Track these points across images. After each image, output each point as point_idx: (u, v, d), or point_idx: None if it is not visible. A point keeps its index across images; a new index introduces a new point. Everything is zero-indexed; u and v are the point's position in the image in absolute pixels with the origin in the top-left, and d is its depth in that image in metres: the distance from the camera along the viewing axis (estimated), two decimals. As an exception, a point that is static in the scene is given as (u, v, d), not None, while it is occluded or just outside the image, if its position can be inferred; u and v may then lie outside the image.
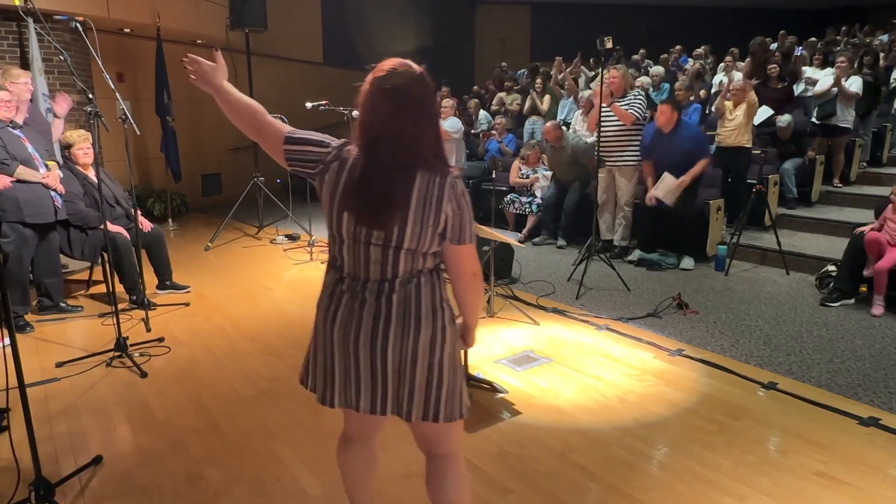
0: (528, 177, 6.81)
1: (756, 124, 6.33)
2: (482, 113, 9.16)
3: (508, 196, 6.89)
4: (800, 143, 6.65)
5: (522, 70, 10.94)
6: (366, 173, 1.46)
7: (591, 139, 6.48)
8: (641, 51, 10.91)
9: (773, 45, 9.62)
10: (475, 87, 11.19)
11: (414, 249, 1.49)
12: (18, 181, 3.76)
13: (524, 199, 6.73)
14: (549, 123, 6.54)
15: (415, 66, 1.51)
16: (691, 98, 7.86)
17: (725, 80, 7.56)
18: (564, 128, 6.69)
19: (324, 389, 1.64)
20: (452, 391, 1.60)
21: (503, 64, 11.06)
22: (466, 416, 1.66)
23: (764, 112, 6.55)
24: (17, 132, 3.90)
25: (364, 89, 1.49)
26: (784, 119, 6.57)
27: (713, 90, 8.17)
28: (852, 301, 4.38)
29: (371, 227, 1.47)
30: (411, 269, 1.53)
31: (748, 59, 7.16)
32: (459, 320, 1.69)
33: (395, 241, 1.48)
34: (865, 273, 4.31)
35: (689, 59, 10.08)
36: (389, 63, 1.49)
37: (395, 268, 1.51)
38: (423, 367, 1.55)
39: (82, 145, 4.35)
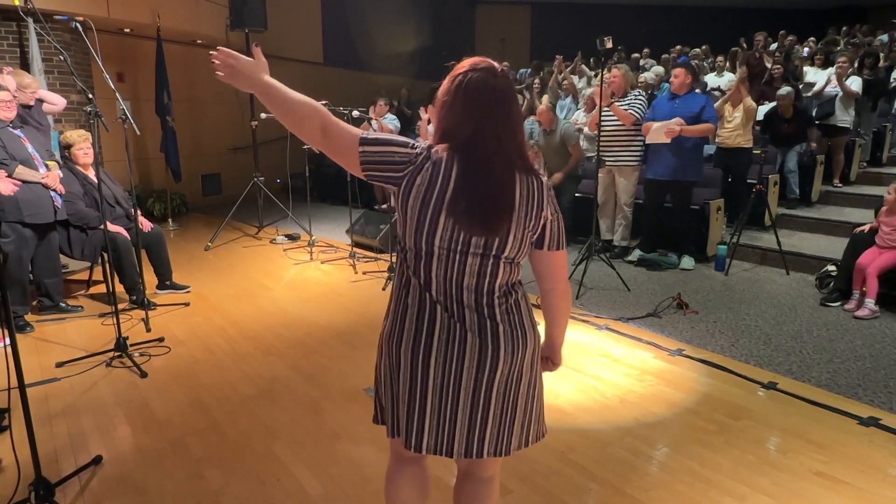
0: None
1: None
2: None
3: None
4: (801, 124, 6.55)
5: (525, 69, 10.94)
6: (472, 174, 1.34)
7: (583, 126, 6.46)
8: (645, 50, 10.92)
9: (773, 45, 9.65)
10: None
11: (513, 258, 1.39)
12: (18, 181, 3.76)
13: None
14: (543, 105, 6.46)
15: (496, 63, 1.42)
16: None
17: (718, 81, 7.58)
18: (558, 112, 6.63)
19: (415, 433, 1.42)
20: (540, 415, 1.54)
21: (505, 64, 11.05)
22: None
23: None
24: (17, 132, 3.90)
25: (449, 88, 1.39)
26: (784, 90, 6.56)
27: (707, 88, 8.18)
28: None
29: (479, 233, 1.34)
30: (508, 282, 1.42)
31: (743, 67, 7.16)
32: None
33: (496, 249, 1.36)
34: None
35: (688, 59, 10.09)
36: (473, 61, 1.39)
37: (492, 280, 1.39)
38: (524, 391, 1.45)
39: (82, 145, 4.35)
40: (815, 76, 7.53)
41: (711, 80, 8.48)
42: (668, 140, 5.08)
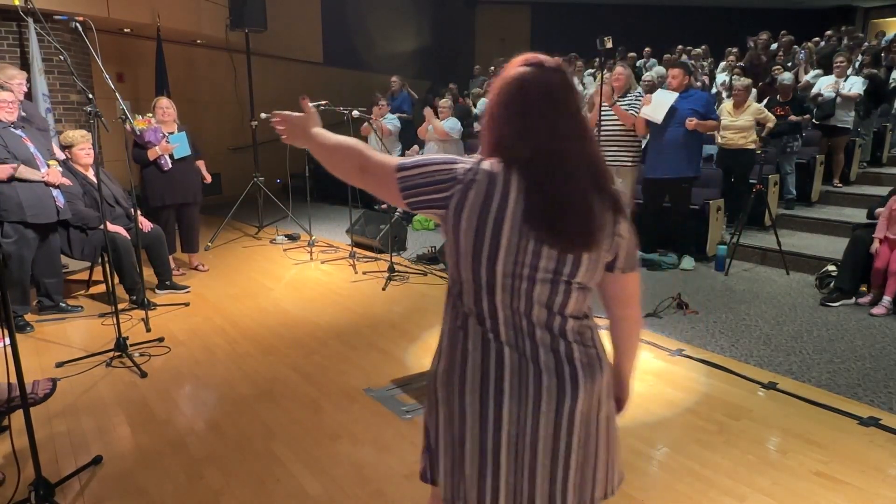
0: None
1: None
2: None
3: None
4: (796, 110, 6.52)
5: None
6: (539, 185, 1.16)
7: None
8: (647, 49, 10.90)
9: (774, 46, 9.65)
10: (476, 89, 11.19)
11: (585, 284, 1.22)
12: (19, 180, 3.76)
13: None
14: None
15: (548, 58, 1.23)
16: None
17: (727, 79, 7.56)
18: None
19: (490, 492, 1.25)
20: (613, 464, 1.34)
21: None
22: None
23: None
24: (18, 132, 3.89)
25: (500, 92, 1.22)
26: (787, 76, 6.55)
27: (713, 91, 8.19)
28: (852, 301, 4.39)
29: (566, 250, 1.16)
30: (579, 311, 1.24)
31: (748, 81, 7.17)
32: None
33: (568, 274, 1.18)
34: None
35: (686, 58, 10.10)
36: (525, 57, 1.22)
37: (563, 309, 1.21)
38: (604, 427, 1.29)
39: (83, 145, 4.35)
40: (815, 78, 7.54)
41: (719, 77, 8.48)
42: (659, 120, 5.07)
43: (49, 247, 4.07)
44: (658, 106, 5.13)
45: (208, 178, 5.39)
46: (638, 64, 10.21)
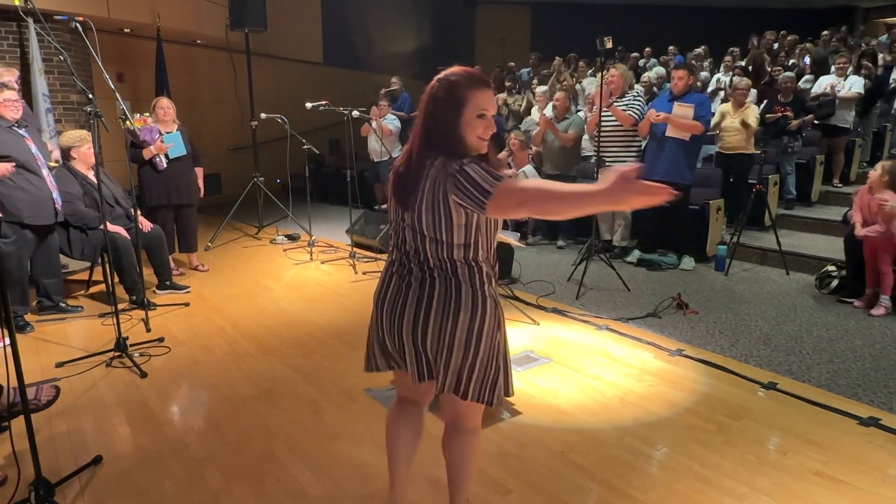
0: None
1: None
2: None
3: None
4: (797, 110, 6.49)
5: (526, 69, 10.92)
6: None
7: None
8: (647, 49, 10.91)
9: (774, 46, 9.66)
10: None
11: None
12: (17, 181, 3.75)
13: None
14: (559, 93, 6.41)
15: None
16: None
17: (726, 79, 7.55)
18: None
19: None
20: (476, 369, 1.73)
21: (511, 64, 11.00)
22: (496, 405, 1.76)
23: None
24: (21, 131, 3.89)
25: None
26: (788, 74, 6.54)
27: (710, 89, 8.19)
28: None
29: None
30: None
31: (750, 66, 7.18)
32: None
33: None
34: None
35: (683, 59, 10.10)
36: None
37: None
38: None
39: (83, 145, 4.34)
40: (806, 83, 7.56)
41: (719, 77, 8.47)
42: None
43: (48, 247, 4.07)
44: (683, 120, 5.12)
45: (201, 192, 5.36)
46: (640, 63, 10.21)
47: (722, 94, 8.02)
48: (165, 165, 4.95)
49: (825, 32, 10.45)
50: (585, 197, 1.33)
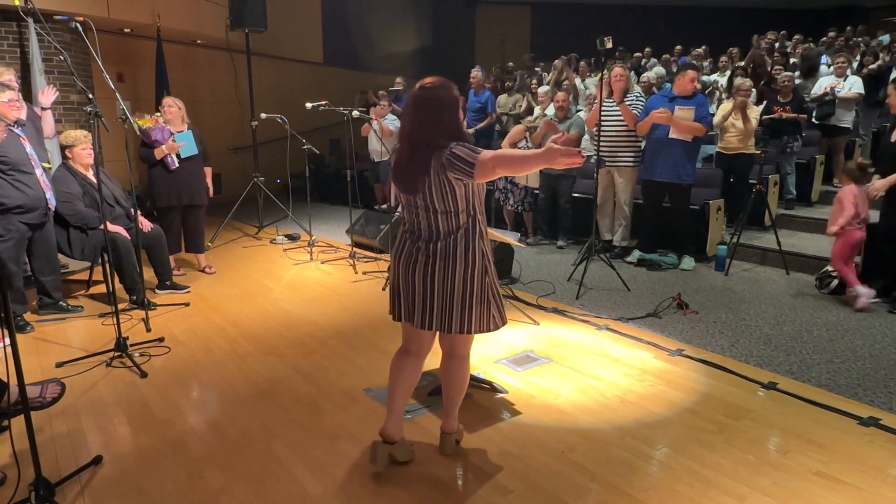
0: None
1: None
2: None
3: (496, 194, 6.63)
4: (796, 109, 6.50)
5: (520, 70, 10.92)
6: None
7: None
8: (647, 49, 10.90)
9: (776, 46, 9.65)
10: None
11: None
12: (9, 180, 3.73)
13: (513, 200, 6.58)
14: (561, 93, 6.40)
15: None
16: None
17: (721, 80, 7.54)
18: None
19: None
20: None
21: (510, 64, 11.00)
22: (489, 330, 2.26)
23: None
24: (17, 130, 3.88)
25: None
26: (787, 74, 6.54)
27: (707, 90, 8.18)
28: (890, 297, 4.38)
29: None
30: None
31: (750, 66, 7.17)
32: None
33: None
34: None
35: (687, 59, 10.11)
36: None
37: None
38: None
39: (83, 145, 4.34)
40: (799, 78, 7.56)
41: (714, 78, 8.48)
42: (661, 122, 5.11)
43: (46, 245, 4.06)
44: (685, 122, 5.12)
45: (211, 191, 5.35)
46: (643, 63, 10.21)
47: (717, 94, 8.02)
48: (177, 165, 4.94)
49: (831, 33, 10.43)
50: (532, 158, 1.97)
